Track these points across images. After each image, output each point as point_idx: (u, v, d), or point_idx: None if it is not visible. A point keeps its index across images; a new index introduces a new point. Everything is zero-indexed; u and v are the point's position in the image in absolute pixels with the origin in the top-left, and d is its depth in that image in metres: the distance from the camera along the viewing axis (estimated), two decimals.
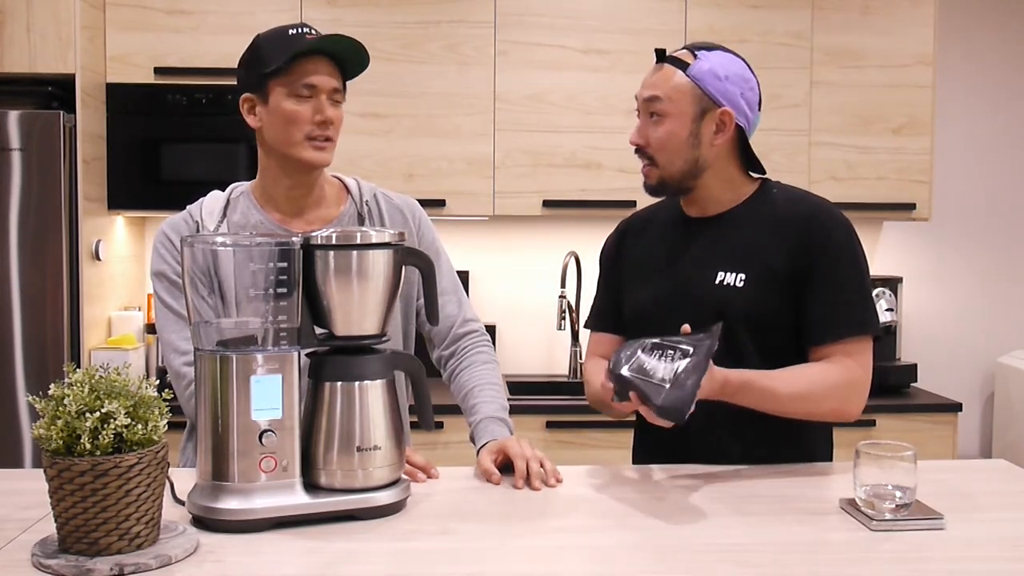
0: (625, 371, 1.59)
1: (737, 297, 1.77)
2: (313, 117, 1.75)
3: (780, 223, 1.80)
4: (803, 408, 1.73)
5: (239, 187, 1.89)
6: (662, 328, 1.67)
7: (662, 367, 1.55)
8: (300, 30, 1.77)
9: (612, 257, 2.00)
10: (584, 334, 3.56)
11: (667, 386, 1.52)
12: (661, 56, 1.83)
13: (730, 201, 1.86)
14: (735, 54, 1.84)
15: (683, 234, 1.89)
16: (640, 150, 1.83)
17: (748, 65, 1.84)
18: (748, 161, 1.87)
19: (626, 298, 1.93)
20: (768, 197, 1.85)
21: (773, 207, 1.83)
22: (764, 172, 1.89)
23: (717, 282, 1.80)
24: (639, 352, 1.60)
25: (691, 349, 1.55)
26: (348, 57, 1.78)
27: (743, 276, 1.78)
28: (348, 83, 1.82)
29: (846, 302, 1.76)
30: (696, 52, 1.81)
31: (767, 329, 1.78)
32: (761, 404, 1.70)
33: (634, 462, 1.98)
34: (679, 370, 1.53)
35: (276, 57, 1.73)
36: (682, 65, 1.79)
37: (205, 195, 1.89)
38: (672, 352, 1.57)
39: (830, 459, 1.90)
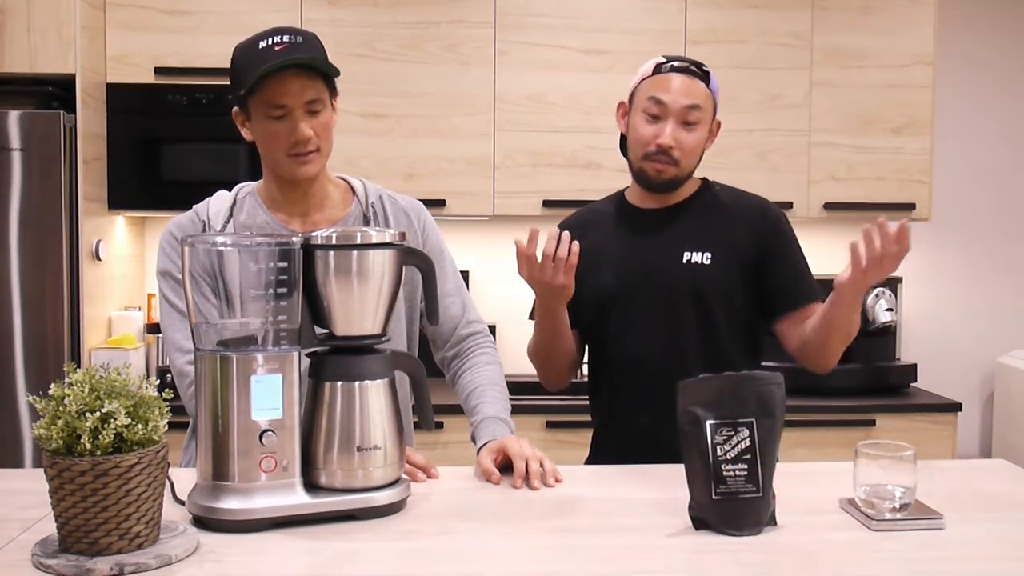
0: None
1: (707, 272, 1.94)
2: (289, 137, 1.72)
3: (735, 212, 2.00)
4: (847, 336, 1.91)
5: (246, 187, 1.88)
6: (627, 308, 1.87)
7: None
8: (270, 40, 1.70)
9: None
10: None
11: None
12: (699, 69, 1.95)
13: (683, 194, 2.02)
14: None
15: (636, 224, 2.02)
16: (666, 152, 1.92)
17: None
18: None
19: (584, 288, 1.94)
20: (713, 191, 2.05)
21: (722, 199, 2.03)
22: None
23: (685, 261, 1.94)
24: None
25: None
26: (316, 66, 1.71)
27: (709, 254, 1.95)
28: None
29: (803, 275, 2.01)
30: (702, 66, 1.96)
31: (735, 303, 1.96)
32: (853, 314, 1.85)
33: (588, 462, 2.07)
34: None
35: (247, 78, 1.69)
36: (706, 78, 1.95)
37: (206, 195, 1.88)
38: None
39: None
